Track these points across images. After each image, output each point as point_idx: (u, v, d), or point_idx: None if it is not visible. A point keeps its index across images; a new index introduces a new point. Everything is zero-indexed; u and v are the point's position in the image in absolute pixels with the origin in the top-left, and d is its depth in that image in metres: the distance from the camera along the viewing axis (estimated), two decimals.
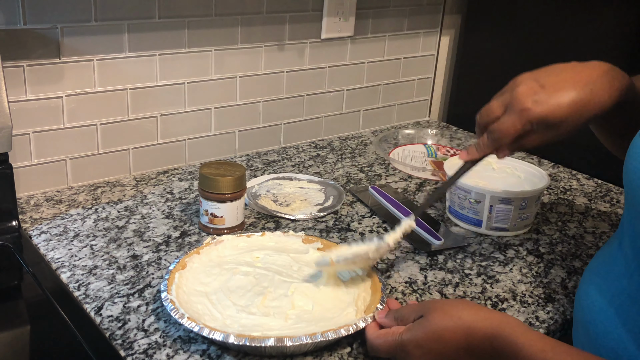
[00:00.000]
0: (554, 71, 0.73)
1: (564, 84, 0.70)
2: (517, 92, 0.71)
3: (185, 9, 1.11)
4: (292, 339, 0.66)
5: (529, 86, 0.71)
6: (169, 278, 0.77)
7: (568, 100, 0.69)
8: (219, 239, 0.86)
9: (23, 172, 1.03)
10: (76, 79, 1.04)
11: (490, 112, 0.74)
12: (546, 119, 0.70)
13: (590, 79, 0.70)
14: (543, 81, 0.71)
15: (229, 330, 0.69)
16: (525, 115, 0.70)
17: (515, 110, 0.71)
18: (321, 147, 1.36)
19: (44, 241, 0.92)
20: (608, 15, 1.23)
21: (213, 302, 0.74)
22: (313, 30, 1.29)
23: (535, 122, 0.70)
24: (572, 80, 0.71)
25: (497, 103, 0.74)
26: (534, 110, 0.70)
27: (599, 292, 0.70)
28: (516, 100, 0.71)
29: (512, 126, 0.71)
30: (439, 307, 0.66)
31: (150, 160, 1.17)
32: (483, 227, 1.00)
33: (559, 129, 0.71)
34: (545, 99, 0.70)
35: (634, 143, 0.67)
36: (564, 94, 0.69)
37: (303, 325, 0.70)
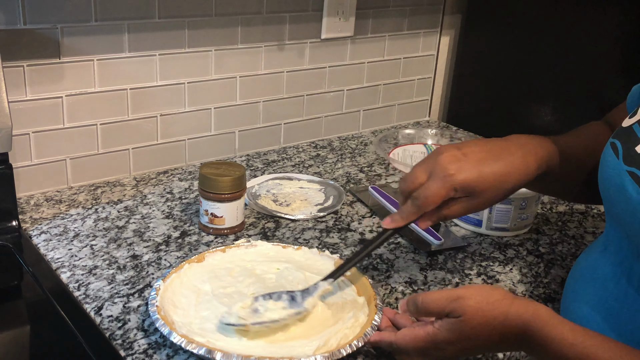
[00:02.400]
0: (475, 143, 0.75)
1: (485, 154, 0.72)
2: (441, 159, 0.72)
3: (185, 9, 1.11)
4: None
5: (452, 154, 0.72)
6: (175, 267, 0.79)
7: (489, 170, 0.71)
8: (253, 243, 0.86)
9: (23, 172, 1.03)
10: (76, 79, 1.04)
11: (414, 178, 0.74)
12: (470, 185, 0.71)
13: (508, 150, 0.73)
14: (465, 150, 0.72)
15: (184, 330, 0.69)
16: (449, 181, 0.71)
17: (439, 176, 0.71)
18: (321, 147, 1.36)
19: (44, 241, 0.92)
20: (608, 15, 1.23)
21: (199, 300, 0.75)
22: (313, 30, 1.29)
23: (459, 187, 0.71)
24: (492, 151, 0.73)
25: (420, 170, 0.74)
26: (457, 177, 0.70)
27: (585, 298, 0.70)
28: (440, 166, 0.71)
29: (436, 192, 0.71)
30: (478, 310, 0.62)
31: (150, 160, 1.17)
32: (483, 227, 1.00)
33: (480, 198, 0.72)
34: (468, 167, 0.71)
35: (605, 151, 0.69)
36: (486, 163, 0.72)
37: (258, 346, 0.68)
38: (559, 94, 1.35)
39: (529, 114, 1.39)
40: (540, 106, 1.38)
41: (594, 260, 0.73)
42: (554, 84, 1.36)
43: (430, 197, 0.72)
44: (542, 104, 1.37)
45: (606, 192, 0.67)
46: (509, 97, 1.45)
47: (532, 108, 1.39)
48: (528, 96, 1.40)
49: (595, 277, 0.70)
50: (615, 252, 0.68)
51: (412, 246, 0.96)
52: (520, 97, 1.42)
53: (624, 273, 0.66)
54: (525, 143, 0.75)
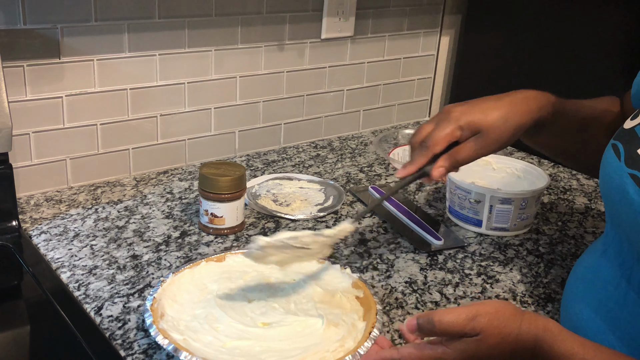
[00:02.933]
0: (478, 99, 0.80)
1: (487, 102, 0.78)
2: (445, 108, 0.79)
3: (185, 9, 1.11)
4: None
5: (457, 104, 0.78)
6: (192, 263, 0.80)
7: (492, 108, 0.77)
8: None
9: (23, 172, 1.03)
10: (76, 79, 1.04)
11: (422, 129, 0.79)
12: (474, 123, 0.76)
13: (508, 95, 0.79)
14: (470, 102, 0.79)
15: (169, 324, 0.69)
16: (454, 121, 0.76)
17: (445, 120, 0.77)
18: (321, 147, 1.36)
19: (44, 241, 0.92)
20: (608, 15, 1.23)
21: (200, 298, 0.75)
22: (313, 30, 1.29)
23: (464, 125, 0.76)
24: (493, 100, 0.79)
25: (428, 123, 0.79)
26: (462, 116, 0.76)
27: (585, 300, 0.70)
28: (444, 113, 0.78)
29: (442, 132, 0.76)
30: (494, 328, 0.60)
31: (150, 160, 1.17)
32: (483, 227, 1.00)
33: (487, 136, 0.76)
34: (471, 109, 0.77)
35: (605, 152, 0.69)
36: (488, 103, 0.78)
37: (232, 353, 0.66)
38: (559, 94, 1.35)
39: None
40: None
41: (593, 263, 0.73)
42: (554, 84, 1.35)
43: (437, 138, 0.76)
44: None
45: (607, 194, 0.67)
46: None
47: None
48: None
49: (595, 280, 0.70)
50: (616, 254, 0.68)
51: (412, 246, 0.96)
52: None
53: (624, 276, 0.65)
54: (525, 91, 0.80)
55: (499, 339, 0.59)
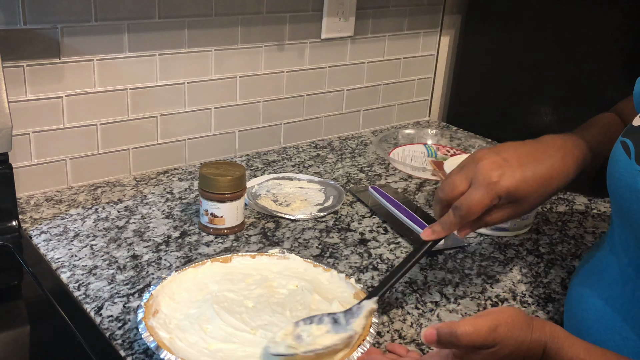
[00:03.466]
0: (512, 146, 0.72)
1: (526, 158, 0.70)
2: (482, 166, 0.70)
3: (185, 9, 1.11)
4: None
5: (493, 160, 0.70)
6: (198, 262, 0.80)
7: (532, 174, 0.69)
8: (286, 255, 0.83)
9: (23, 172, 1.03)
10: (76, 79, 1.04)
11: (454, 186, 0.71)
12: (514, 193, 0.69)
13: (546, 153, 0.71)
14: (505, 155, 0.70)
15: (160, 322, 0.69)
16: (493, 189, 0.69)
17: (482, 184, 0.69)
18: (321, 147, 1.36)
19: (44, 241, 0.92)
20: (608, 15, 1.23)
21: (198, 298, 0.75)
22: (313, 30, 1.29)
23: (503, 195, 0.69)
24: (532, 155, 0.71)
25: (460, 178, 0.71)
26: (502, 184, 0.68)
27: (592, 299, 0.69)
28: (482, 174, 0.69)
29: (480, 200, 0.69)
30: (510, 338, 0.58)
31: (150, 160, 1.17)
32: (483, 227, 1.00)
33: (523, 204, 0.71)
34: (510, 172, 0.69)
35: (615, 150, 0.68)
36: (528, 168, 0.70)
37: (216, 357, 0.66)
38: (559, 94, 1.35)
39: (529, 114, 1.39)
40: (540, 106, 1.38)
41: (599, 262, 0.72)
42: (554, 84, 1.36)
43: (474, 206, 0.69)
44: (542, 104, 1.37)
45: (616, 192, 0.66)
46: (509, 97, 1.45)
47: (532, 108, 1.39)
48: (528, 96, 1.40)
49: (602, 280, 0.69)
50: (623, 253, 0.67)
51: (412, 246, 0.96)
52: (520, 97, 1.42)
53: (632, 276, 0.65)
54: (562, 145, 0.73)
55: (514, 348, 0.58)
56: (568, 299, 0.76)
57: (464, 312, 0.81)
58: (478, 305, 0.83)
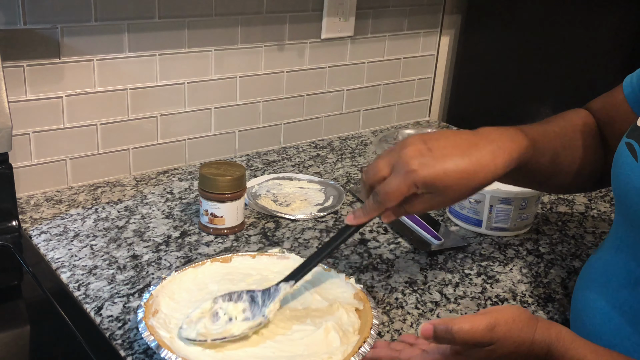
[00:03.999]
0: (443, 135, 0.70)
1: (452, 149, 0.68)
2: (404, 153, 0.68)
3: (185, 9, 1.11)
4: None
5: (417, 148, 0.68)
6: (197, 263, 0.79)
7: (454, 167, 0.67)
8: (286, 255, 0.83)
9: (23, 172, 1.03)
10: (76, 79, 1.04)
11: (377, 171, 0.70)
12: (432, 184, 0.67)
13: (476, 146, 0.69)
14: (431, 144, 0.68)
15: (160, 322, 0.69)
16: (410, 178, 0.67)
17: (400, 172, 0.68)
18: (321, 147, 1.36)
19: (44, 241, 0.92)
20: (608, 15, 1.23)
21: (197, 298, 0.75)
22: (313, 30, 1.29)
23: (420, 185, 0.67)
24: (459, 147, 0.68)
25: (384, 162, 0.70)
26: (420, 173, 0.67)
27: (599, 302, 0.69)
28: (402, 161, 0.68)
29: (397, 189, 0.68)
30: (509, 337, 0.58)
31: (150, 160, 1.17)
32: (483, 227, 1.00)
33: (444, 196, 0.69)
34: (431, 162, 0.67)
35: (619, 151, 0.67)
36: (451, 160, 0.67)
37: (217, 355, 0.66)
38: (559, 94, 1.35)
39: (529, 114, 1.39)
40: (540, 106, 1.38)
41: (604, 266, 0.71)
42: (554, 84, 1.36)
43: (391, 194, 0.68)
44: (542, 104, 1.37)
45: (623, 194, 0.65)
46: (509, 97, 1.45)
47: (532, 108, 1.39)
48: (528, 96, 1.40)
49: (608, 284, 0.69)
50: (631, 256, 0.66)
51: (412, 246, 0.96)
52: (520, 97, 1.42)
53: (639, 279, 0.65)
54: (496, 139, 0.70)
55: (513, 348, 0.58)
56: (574, 304, 0.75)
57: (464, 312, 0.81)
58: (478, 305, 0.83)
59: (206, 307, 0.70)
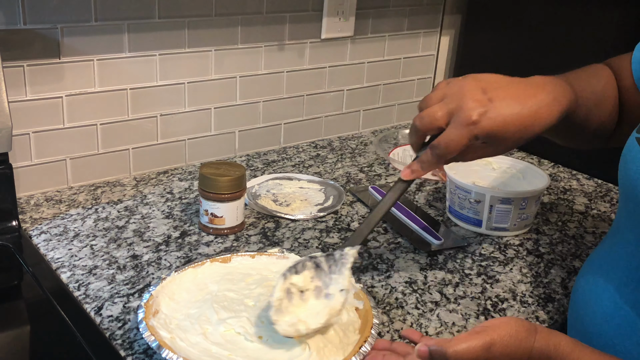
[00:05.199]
0: (500, 83, 0.70)
1: (511, 100, 0.68)
2: (465, 104, 0.67)
3: (185, 9, 1.11)
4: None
5: (477, 98, 0.67)
6: (197, 263, 0.79)
7: (515, 118, 0.67)
8: (286, 255, 0.83)
9: (23, 172, 1.03)
10: (76, 79, 1.04)
11: (434, 120, 0.69)
12: (493, 135, 0.67)
13: (535, 98, 0.69)
14: (490, 94, 0.68)
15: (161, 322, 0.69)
16: (472, 130, 0.67)
17: (462, 123, 0.67)
18: (321, 147, 1.36)
19: (44, 241, 0.92)
20: (608, 15, 1.23)
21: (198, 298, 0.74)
22: (313, 30, 1.29)
23: (482, 137, 0.67)
24: (518, 97, 0.69)
25: (441, 111, 0.69)
26: (482, 125, 0.66)
27: (601, 299, 0.69)
28: (464, 112, 0.67)
29: (458, 141, 0.67)
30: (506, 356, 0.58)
31: (150, 160, 1.17)
32: (483, 227, 1.00)
33: (499, 146, 0.70)
34: (493, 114, 0.67)
35: (629, 146, 0.66)
36: (511, 110, 0.67)
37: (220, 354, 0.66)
38: None
39: None
40: None
41: (606, 263, 0.71)
42: None
43: (452, 146, 0.67)
44: None
45: (631, 190, 0.64)
46: None
47: None
48: None
49: (612, 279, 0.68)
50: (633, 254, 0.66)
51: (412, 246, 0.96)
52: None
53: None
54: (551, 90, 0.70)
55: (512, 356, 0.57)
56: (573, 303, 0.75)
57: (464, 312, 0.81)
58: (478, 305, 0.83)
59: (282, 287, 0.68)
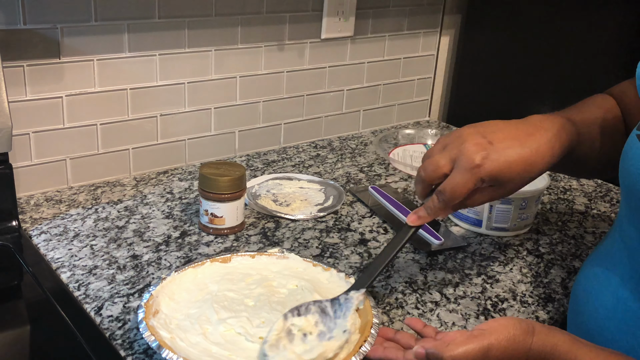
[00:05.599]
0: (498, 127, 0.71)
1: (511, 142, 0.69)
2: (465, 148, 0.68)
3: (185, 9, 1.11)
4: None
5: (477, 142, 0.68)
6: (197, 263, 0.79)
7: (517, 158, 0.68)
8: (286, 255, 0.83)
9: (23, 172, 1.03)
10: (76, 79, 1.04)
11: (437, 168, 0.70)
12: (497, 177, 0.68)
13: (534, 136, 0.70)
14: (490, 137, 0.69)
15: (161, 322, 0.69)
16: (477, 173, 0.67)
17: (465, 168, 0.68)
18: (321, 147, 1.36)
19: (44, 241, 0.92)
20: (608, 15, 1.23)
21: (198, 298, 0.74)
22: (313, 30, 1.29)
23: (487, 179, 0.68)
24: (517, 138, 0.70)
25: (444, 159, 0.70)
26: (485, 168, 0.67)
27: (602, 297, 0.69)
28: (466, 157, 0.68)
29: (464, 185, 0.68)
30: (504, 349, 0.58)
31: (150, 160, 1.17)
32: (483, 227, 1.00)
33: (506, 187, 0.70)
34: (495, 156, 0.68)
35: (630, 143, 0.66)
36: (513, 151, 0.68)
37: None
38: (559, 94, 1.35)
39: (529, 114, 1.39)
40: (540, 106, 1.38)
41: (607, 261, 0.71)
42: (554, 84, 1.36)
43: (459, 191, 0.68)
44: (542, 104, 1.37)
45: (632, 187, 0.64)
46: (509, 97, 1.45)
47: (532, 108, 1.39)
48: (528, 96, 1.40)
49: (611, 278, 0.68)
50: (635, 250, 0.65)
51: (412, 246, 0.96)
52: (520, 97, 1.42)
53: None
54: (549, 127, 0.71)
55: (511, 355, 0.57)
56: (573, 301, 0.75)
57: (464, 312, 0.81)
58: (478, 305, 0.83)
59: (279, 326, 0.67)
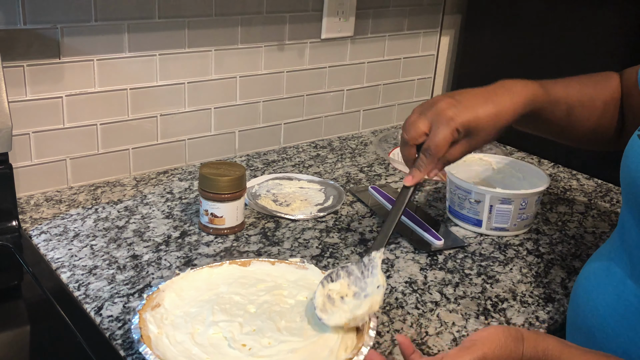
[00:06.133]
0: (466, 91, 0.81)
1: (476, 99, 0.79)
2: (439, 107, 0.78)
3: (185, 9, 1.11)
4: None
5: (447, 101, 0.78)
6: (215, 264, 0.79)
7: (483, 111, 0.78)
8: (306, 265, 0.81)
9: (23, 172, 1.03)
10: (76, 79, 1.04)
11: (418, 129, 0.78)
12: (469, 126, 0.77)
13: (495, 93, 0.80)
14: (458, 97, 0.79)
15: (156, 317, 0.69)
16: (452, 124, 0.76)
17: (442, 122, 0.77)
18: (321, 147, 1.36)
19: (44, 241, 0.92)
20: (608, 15, 1.23)
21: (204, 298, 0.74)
22: (313, 30, 1.29)
23: (461, 129, 0.77)
24: (482, 96, 0.80)
25: (421, 120, 0.79)
26: (458, 119, 0.76)
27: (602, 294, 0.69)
28: (441, 113, 0.77)
29: (444, 138, 0.77)
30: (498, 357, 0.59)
31: (150, 160, 1.17)
32: (483, 227, 1.00)
33: (477, 137, 0.79)
34: (464, 110, 0.77)
35: (631, 143, 0.67)
36: (479, 106, 0.78)
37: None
38: None
39: None
40: None
41: (608, 258, 0.71)
42: None
43: (440, 144, 0.77)
44: None
45: (632, 186, 0.65)
46: None
47: None
48: None
49: (612, 275, 0.68)
50: (636, 247, 0.66)
51: (412, 246, 0.96)
52: None
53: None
54: (511, 87, 0.81)
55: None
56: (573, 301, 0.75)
57: (464, 312, 0.81)
58: (478, 305, 0.83)
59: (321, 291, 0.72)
